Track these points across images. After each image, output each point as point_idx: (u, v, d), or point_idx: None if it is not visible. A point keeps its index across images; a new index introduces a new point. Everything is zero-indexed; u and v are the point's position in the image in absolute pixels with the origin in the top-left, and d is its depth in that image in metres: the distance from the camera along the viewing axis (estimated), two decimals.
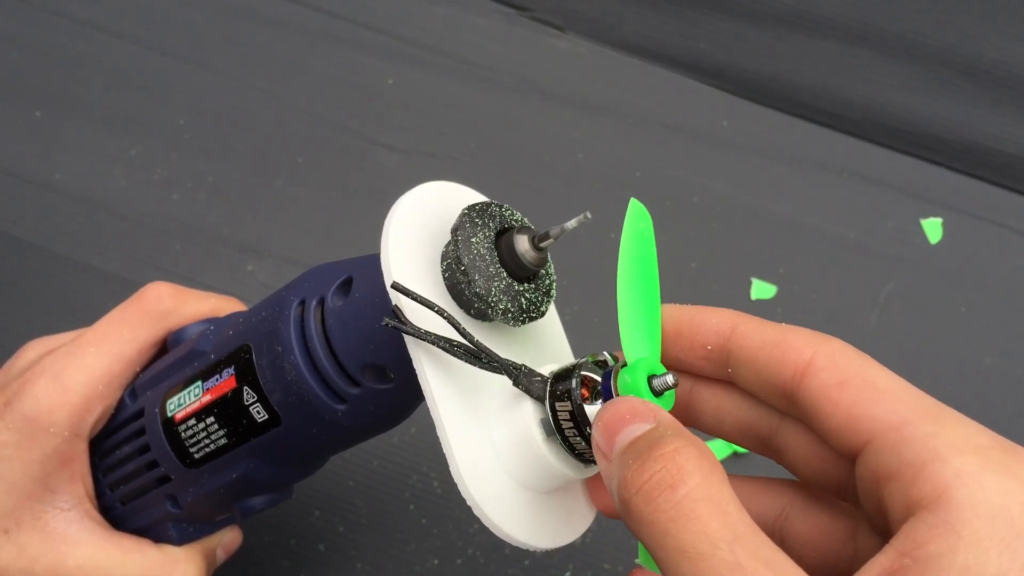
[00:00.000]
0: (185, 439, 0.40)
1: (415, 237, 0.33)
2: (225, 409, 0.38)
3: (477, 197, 0.36)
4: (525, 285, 0.33)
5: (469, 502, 0.32)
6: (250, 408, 0.37)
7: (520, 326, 0.34)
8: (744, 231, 0.63)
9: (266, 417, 0.37)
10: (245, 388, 0.37)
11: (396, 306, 0.32)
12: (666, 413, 0.29)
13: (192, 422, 0.39)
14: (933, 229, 0.63)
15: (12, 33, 0.66)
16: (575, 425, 0.31)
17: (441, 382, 0.32)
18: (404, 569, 0.54)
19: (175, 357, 0.41)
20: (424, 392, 0.32)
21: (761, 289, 0.61)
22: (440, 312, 0.31)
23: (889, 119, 0.65)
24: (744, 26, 0.67)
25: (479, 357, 0.32)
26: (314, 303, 0.35)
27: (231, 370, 0.38)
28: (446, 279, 0.33)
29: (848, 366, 0.29)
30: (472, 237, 0.32)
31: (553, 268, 0.35)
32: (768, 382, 0.31)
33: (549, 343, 0.36)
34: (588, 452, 0.32)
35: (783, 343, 0.30)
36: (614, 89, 0.66)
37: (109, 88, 0.65)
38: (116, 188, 0.62)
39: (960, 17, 0.65)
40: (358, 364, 0.34)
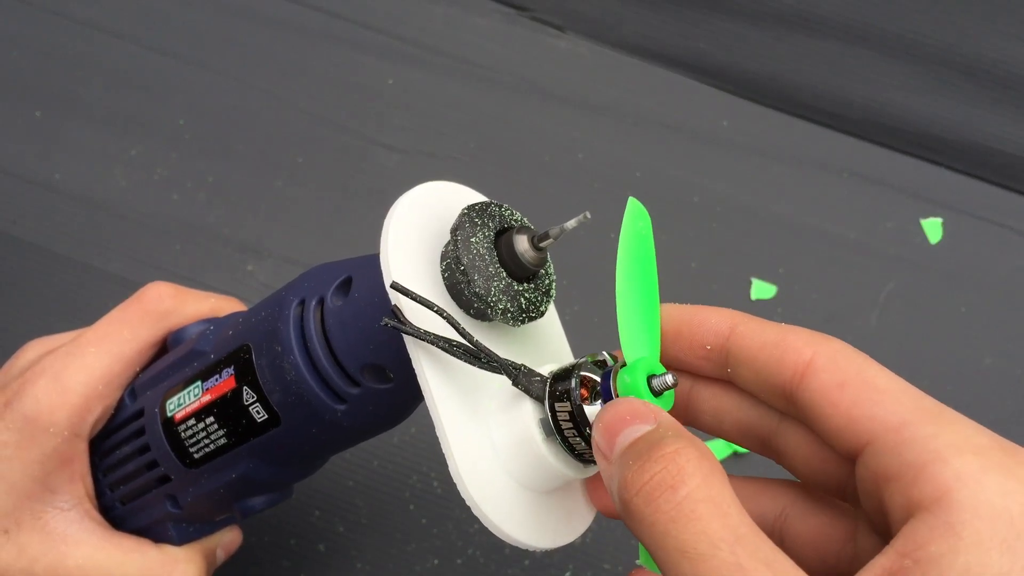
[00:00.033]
0: (185, 439, 0.40)
1: (415, 237, 0.33)
2: (225, 409, 0.38)
3: (477, 197, 0.36)
4: (524, 285, 0.33)
5: (468, 502, 0.31)
6: (250, 408, 0.37)
7: (519, 326, 0.34)
8: (744, 231, 0.63)
9: (266, 417, 0.37)
10: (245, 388, 0.37)
11: (395, 306, 0.32)
12: (667, 414, 0.29)
13: (192, 422, 0.39)
14: (933, 229, 0.63)
15: (12, 33, 0.66)
16: (574, 426, 0.31)
17: (440, 382, 0.32)
18: (404, 569, 0.54)
19: (175, 357, 0.41)
20: (423, 392, 0.32)
21: (761, 289, 0.61)
22: (439, 312, 0.31)
23: (889, 119, 0.65)
24: (744, 26, 0.67)
25: (478, 357, 0.32)
26: (314, 303, 0.35)
27: (231, 370, 0.38)
28: (445, 279, 0.33)
29: (848, 366, 0.29)
30: (471, 237, 0.32)
31: (553, 268, 0.35)
32: (768, 382, 0.31)
33: (549, 343, 0.36)
34: (587, 452, 0.32)
35: (783, 343, 0.30)
36: (614, 89, 0.66)
37: (109, 88, 0.65)
38: (116, 188, 0.62)
39: (960, 17, 0.65)
40: (358, 364, 0.34)
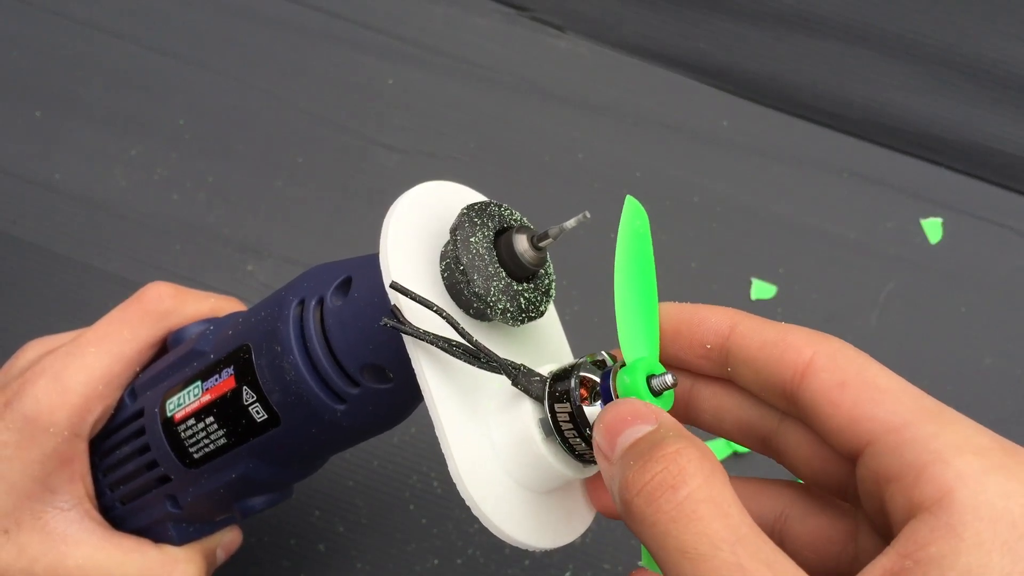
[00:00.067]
0: (185, 439, 0.40)
1: (414, 237, 0.33)
2: (224, 409, 0.38)
3: (476, 197, 0.36)
4: (524, 285, 0.33)
5: (468, 502, 0.31)
6: (249, 408, 0.37)
7: (519, 326, 0.34)
8: (744, 231, 0.63)
9: (265, 417, 0.37)
10: (244, 388, 0.37)
11: (395, 306, 0.32)
12: (668, 415, 0.29)
13: (192, 422, 0.39)
14: (933, 229, 0.63)
15: (12, 33, 0.66)
16: (574, 427, 0.31)
17: (440, 382, 0.32)
18: (404, 569, 0.54)
19: (175, 357, 0.41)
20: (423, 392, 0.32)
21: (761, 289, 0.61)
22: (439, 312, 0.31)
23: (889, 119, 0.65)
24: (744, 26, 0.67)
25: (478, 357, 0.32)
26: (313, 303, 0.35)
27: (230, 370, 0.38)
28: (445, 279, 0.33)
29: (848, 366, 0.29)
30: (471, 237, 0.32)
31: (552, 268, 0.35)
32: (768, 382, 0.31)
33: (548, 343, 0.36)
34: (588, 453, 0.32)
35: (783, 343, 0.30)
36: (614, 89, 0.66)
37: (109, 88, 0.65)
38: (116, 188, 0.62)
39: (960, 17, 0.65)
40: (357, 364, 0.34)
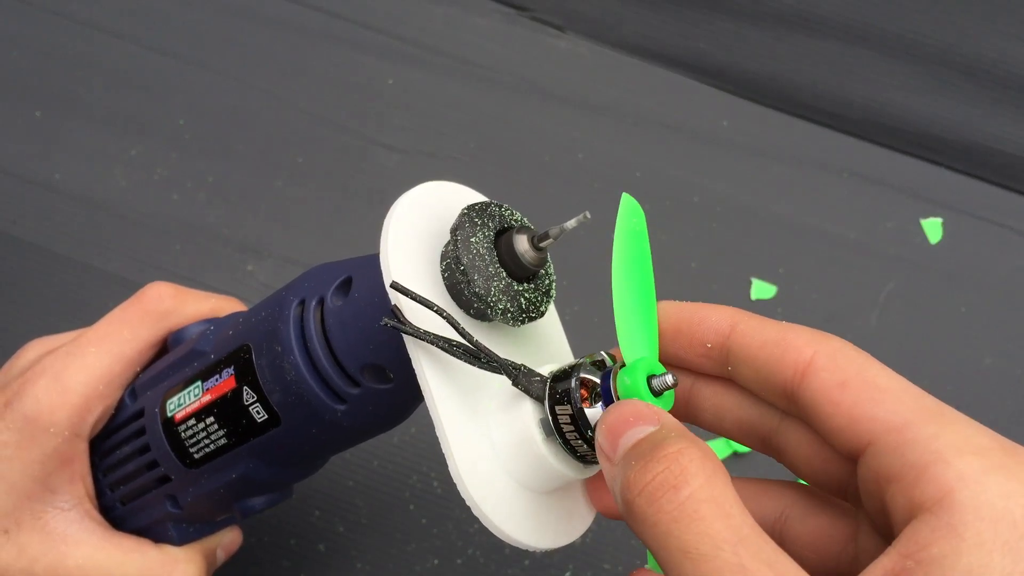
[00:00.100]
0: (185, 439, 0.40)
1: (414, 237, 0.33)
2: (225, 409, 0.38)
3: (477, 197, 0.36)
4: (524, 285, 0.33)
5: (468, 502, 0.31)
6: (250, 408, 0.37)
7: (519, 326, 0.34)
8: (744, 231, 0.63)
9: (266, 417, 0.37)
10: (245, 388, 0.37)
11: (395, 306, 0.32)
12: (670, 415, 0.29)
13: (192, 422, 0.39)
14: (933, 229, 0.63)
15: (12, 33, 0.66)
16: (576, 428, 0.31)
17: (440, 382, 0.32)
18: (404, 569, 0.54)
19: (175, 357, 0.41)
20: (423, 392, 0.32)
21: (761, 289, 0.61)
22: (439, 312, 0.31)
23: (889, 119, 0.65)
24: (744, 26, 0.67)
25: (478, 357, 0.32)
26: (314, 303, 0.35)
27: (231, 370, 0.38)
28: (445, 279, 0.33)
29: (849, 366, 0.29)
30: (471, 237, 0.32)
31: (553, 268, 0.35)
32: (768, 381, 0.31)
33: (549, 343, 0.36)
34: (589, 454, 0.32)
35: (783, 342, 0.30)
36: (614, 89, 0.66)
37: (109, 88, 0.65)
38: (116, 188, 0.62)
39: (960, 17, 0.65)
40: (358, 364, 0.34)
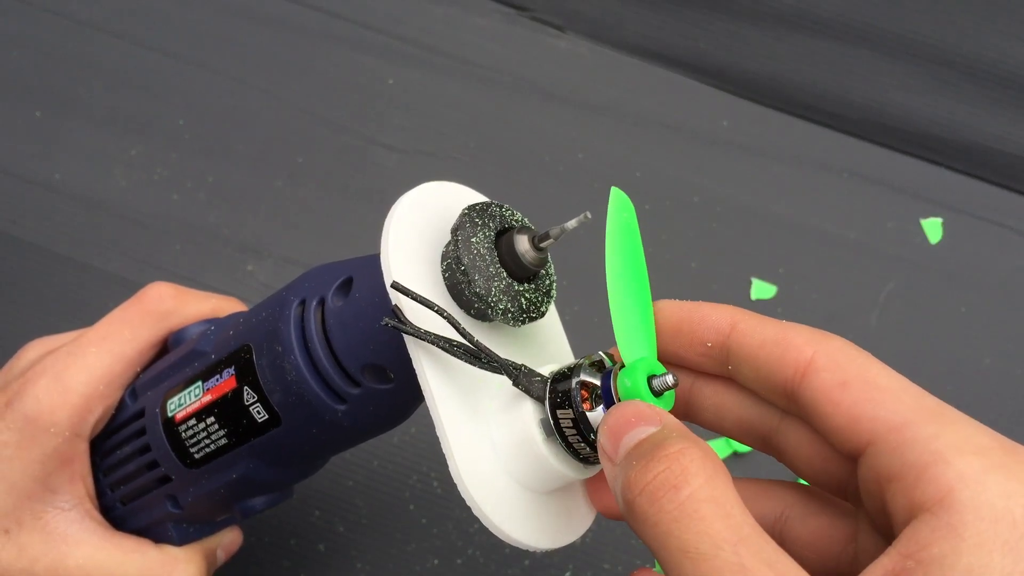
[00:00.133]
0: (185, 439, 0.40)
1: (415, 237, 0.33)
2: (225, 409, 0.38)
3: (477, 197, 0.36)
4: (525, 285, 0.33)
5: (469, 503, 0.31)
6: (250, 408, 0.37)
7: (520, 326, 0.34)
8: (744, 231, 0.63)
9: (266, 417, 0.37)
10: (245, 388, 0.37)
11: (396, 306, 0.32)
12: (671, 416, 0.29)
13: (192, 422, 0.39)
14: (933, 229, 0.63)
15: (12, 33, 0.66)
16: (578, 431, 0.31)
17: (441, 382, 0.32)
18: (404, 569, 0.54)
19: (176, 357, 0.41)
20: (424, 392, 0.32)
21: (761, 289, 0.61)
22: (440, 312, 0.31)
23: (889, 119, 0.65)
24: (744, 26, 0.67)
25: (479, 357, 0.32)
26: (314, 303, 0.35)
27: (231, 370, 0.38)
28: (446, 279, 0.33)
29: (849, 365, 0.29)
30: (472, 237, 0.32)
31: (553, 268, 0.35)
32: (768, 380, 0.30)
33: (549, 343, 0.36)
34: (591, 455, 0.32)
35: (783, 341, 0.30)
36: (614, 89, 0.66)
37: (109, 88, 0.65)
38: (116, 188, 0.62)
39: (960, 17, 0.65)
40: (358, 364, 0.34)
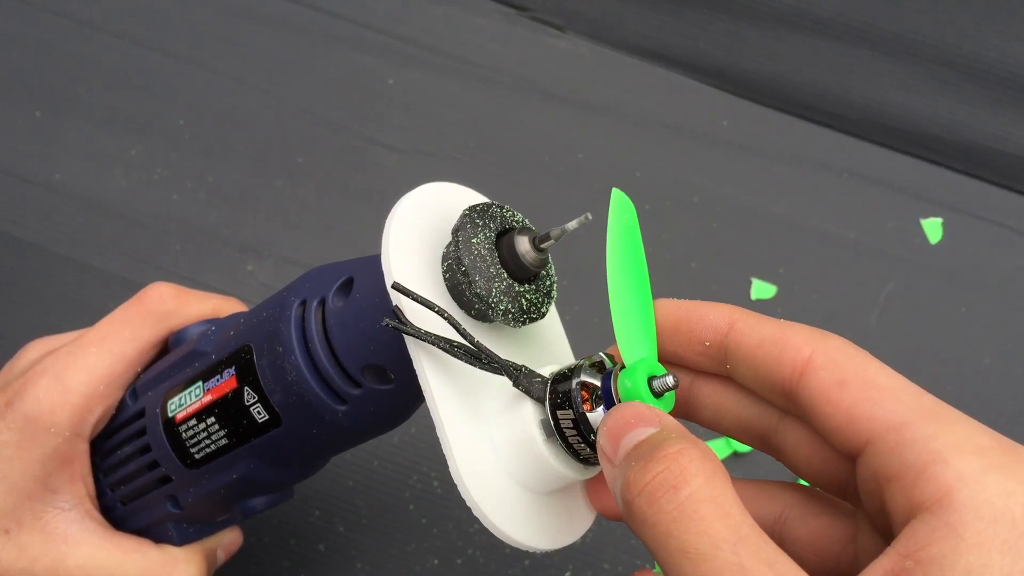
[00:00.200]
0: (186, 439, 0.40)
1: (416, 238, 0.33)
2: (226, 409, 0.38)
3: (478, 198, 0.36)
4: (526, 286, 0.33)
5: (469, 503, 0.31)
6: (251, 408, 0.37)
7: (520, 327, 0.34)
8: (744, 231, 0.63)
9: (266, 418, 0.37)
10: (246, 388, 0.37)
11: (396, 306, 0.32)
12: (671, 417, 0.29)
13: (193, 422, 0.39)
14: (933, 229, 0.63)
15: (12, 33, 0.66)
16: (578, 432, 0.31)
17: (441, 383, 0.32)
18: (404, 569, 0.54)
19: (176, 357, 0.41)
20: (424, 393, 0.32)
21: (761, 289, 0.61)
22: (440, 312, 0.31)
23: (889, 119, 0.65)
24: (744, 26, 0.67)
25: (479, 358, 0.32)
26: (315, 304, 0.35)
27: (232, 370, 0.38)
28: (447, 280, 0.33)
29: (848, 364, 0.29)
30: (473, 238, 0.32)
31: (554, 269, 0.35)
32: (767, 380, 0.30)
33: (550, 344, 0.36)
34: (591, 456, 0.32)
35: (781, 340, 0.30)
36: (614, 89, 0.66)
37: (109, 88, 0.65)
38: (116, 188, 0.62)
39: (960, 17, 0.65)
40: (359, 365, 0.34)
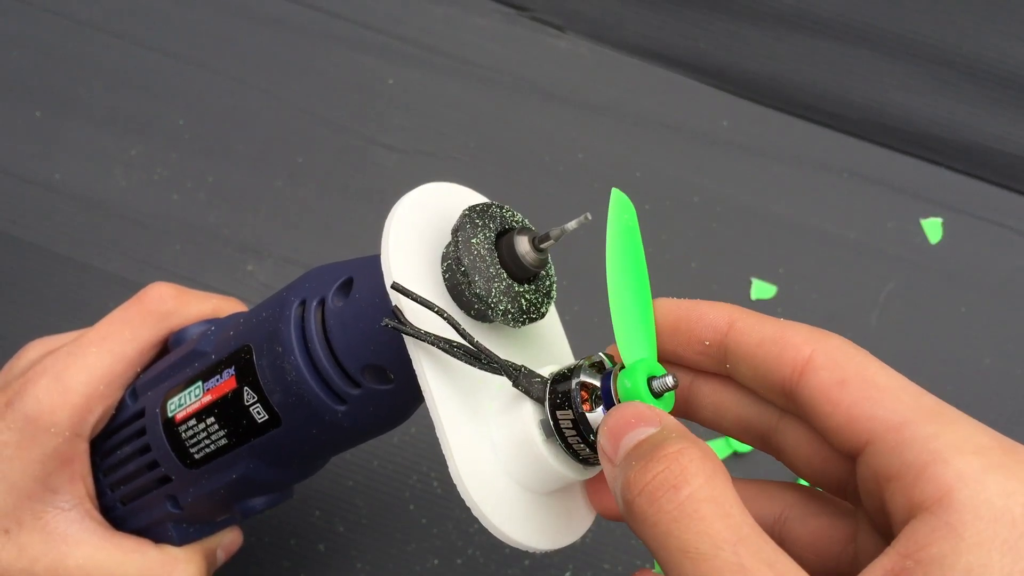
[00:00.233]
0: (185, 439, 0.40)
1: (415, 238, 0.33)
2: (225, 409, 0.38)
3: (477, 198, 0.36)
4: (525, 286, 0.33)
5: (468, 503, 0.31)
6: (250, 409, 0.37)
7: (520, 327, 0.34)
8: (744, 231, 0.63)
9: (266, 418, 0.37)
10: (245, 388, 0.37)
11: (396, 307, 0.32)
12: (671, 417, 0.29)
13: (192, 422, 0.39)
14: (933, 229, 0.63)
15: (12, 33, 0.66)
16: (578, 432, 0.31)
17: (441, 383, 0.32)
18: (404, 569, 0.54)
19: (176, 357, 0.41)
20: (424, 393, 0.32)
21: (761, 289, 0.61)
22: (440, 313, 0.31)
23: (889, 119, 0.65)
24: (744, 26, 0.67)
25: (479, 358, 0.32)
26: (315, 304, 0.35)
27: (231, 370, 0.38)
28: (446, 280, 0.33)
29: (847, 364, 0.29)
30: (472, 238, 0.32)
31: (553, 269, 0.35)
32: (766, 379, 0.30)
33: (549, 344, 0.36)
34: (591, 457, 0.32)
35: (781, 339, 0.30)
36: (614, 89, 0.66)
37: (109, 88, 0.65)
38: (116, 188, 0.62)
39: (960, 17, 0.65)
40: (358, 365, 0.34)
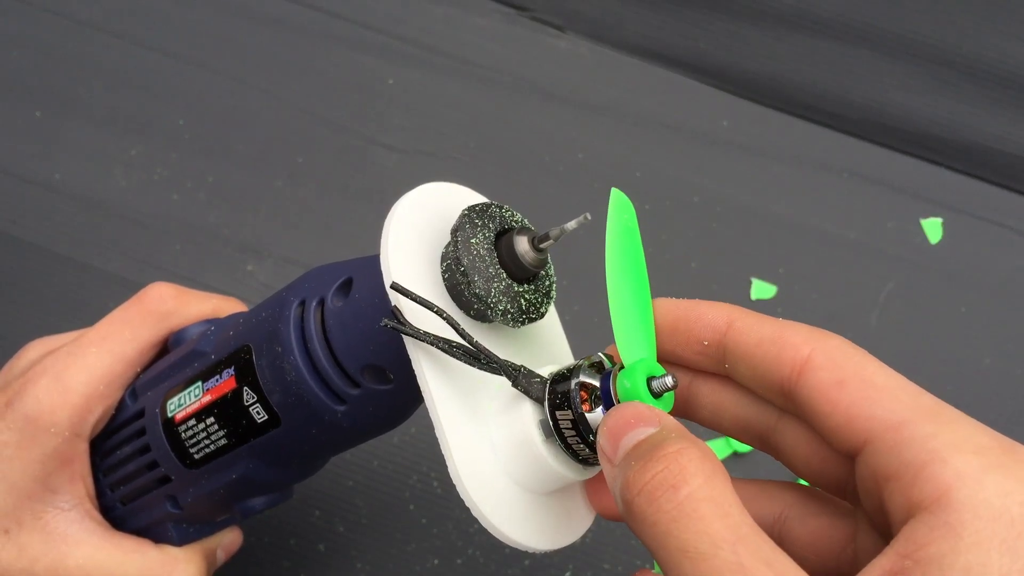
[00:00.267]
0: (185, 439, 0.40)
1: (415, 238, 0.33)
2: (225, 410, 0.38)
3: (477, 198, 0.36)
4: (525, 286, 0.33)
5: (468, 504, 0.31)
6: (250, 409, 0.37)
7: (520, 327, 0.34)
8: (744, 231, 0.63)
9: (266, 418, 0.37)
10: (245, 389, 0.37)
11: (395, 307, 0.32)
12: (670, 417, 0.29)
13: (192, 422, 0.39)
14: (933, 229, 0.63)
15: (12, 33, 0.66)
16: (577, 433, 0.31)
17: (440, 383, 0.32)
18: (404, 569, 0.54)
19: (176, 357, 0.41)
20: (423, 393, 0.32)
21: (761, 289, 0.61)
22: (439, 313, 0.31)
23: (889, 119, 0.65)
24: (744, 26, 0.67)
25: (478, 358, 0.32)
26: (314, 304, 0.35)
27: (231, 371, 0.38)
28: (446, 280, 0.33)
29: (846, 363, 0.29)
30: (472, 238, 0.32)
31: (553, 269, 0.35)
32: (765, 379, 0.30)
33: (549, 344, 0.36)
34: (591, 457, 0.32)
35: (780, 339, 0.30)
36: (614, 89, 0.66)
37: (109, 88, 0.65)
38: (116, 188, 0.62)
39: (960, 17, 0.65)
40: (358, 365, 0.34)
